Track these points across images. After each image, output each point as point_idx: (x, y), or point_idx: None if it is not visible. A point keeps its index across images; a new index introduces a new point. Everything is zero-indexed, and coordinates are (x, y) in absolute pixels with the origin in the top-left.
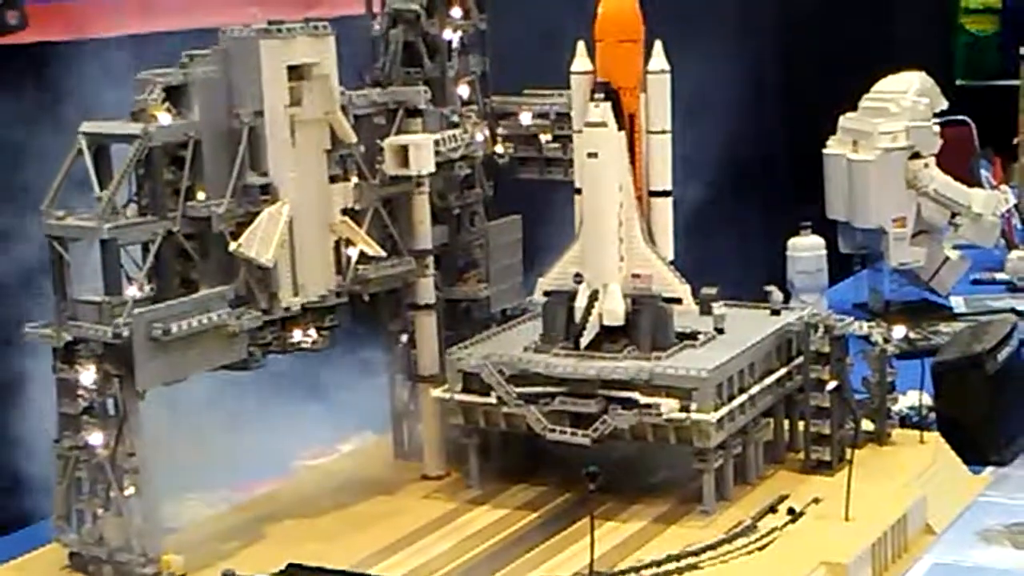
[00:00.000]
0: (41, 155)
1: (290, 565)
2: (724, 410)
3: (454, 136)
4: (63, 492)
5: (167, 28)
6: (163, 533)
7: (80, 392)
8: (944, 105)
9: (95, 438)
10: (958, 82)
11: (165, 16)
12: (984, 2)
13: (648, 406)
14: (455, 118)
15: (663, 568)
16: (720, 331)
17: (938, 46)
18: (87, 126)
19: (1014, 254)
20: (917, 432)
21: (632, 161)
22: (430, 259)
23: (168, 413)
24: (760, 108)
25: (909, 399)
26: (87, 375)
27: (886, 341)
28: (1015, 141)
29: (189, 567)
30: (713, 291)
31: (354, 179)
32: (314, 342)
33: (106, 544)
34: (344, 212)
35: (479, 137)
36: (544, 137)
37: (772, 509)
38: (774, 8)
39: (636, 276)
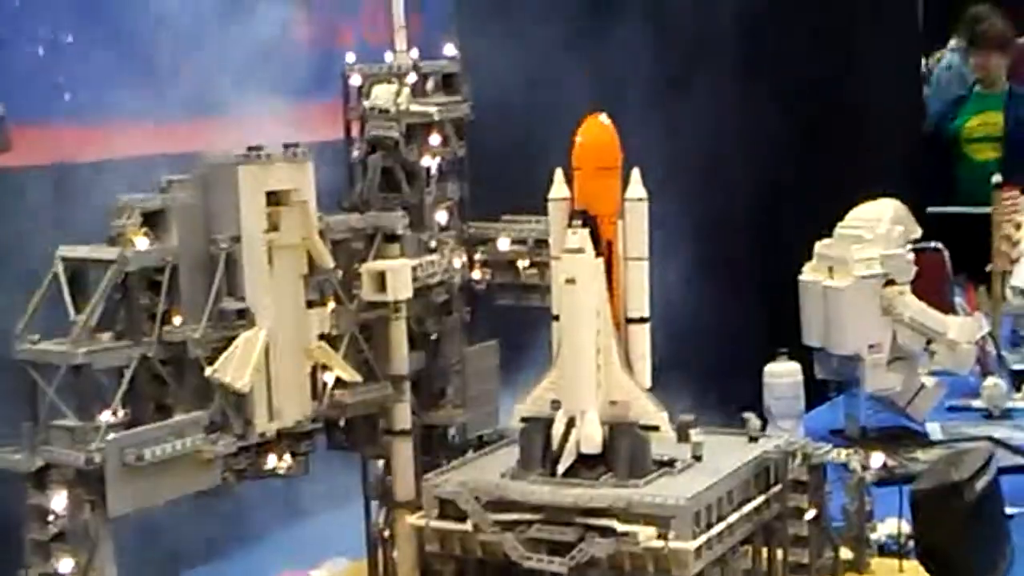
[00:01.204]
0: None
1: None
2: (703, 538)
3: (432, 262)
4: None
5: (147, 152)
6: None
7: (50, 518)
8: (918, 233)
9: (65, 565)
10: (928, 209)
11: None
12: (982, 131)
13: (626, 534)
14: (433, 243)
15: None
16: (698, 458)
17: (909, 173)
18: (64, 250)
19: (989, 381)
20: (896, 560)
21: (610, 287)
22: (407, 384)
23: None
24: (733, 235)
25: (888, 527)
26: (58, 500)
27: (864, 468)
28: (988, 268)
29: None
30: (691, 418)
31: (331, 304)
32: (289, 468)
33: None
34: (321, 337)
35: (457, 263)
36: (522, 263)
37: None
38: (745, 137)
39: (613, 403)
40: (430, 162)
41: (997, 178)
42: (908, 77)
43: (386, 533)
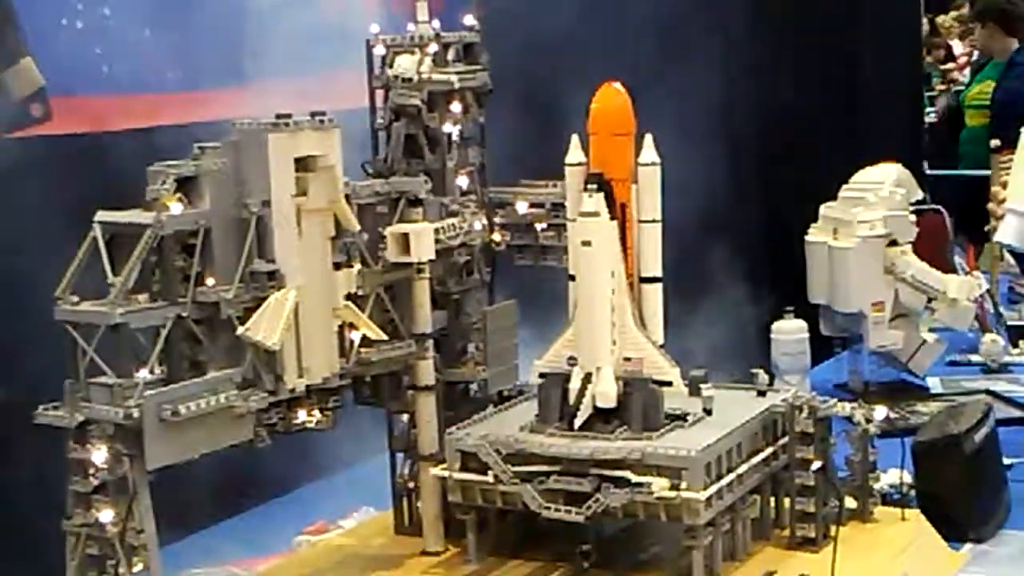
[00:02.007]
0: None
1: None
2: (713, 488)
3: (453, 225)
4: (75, 567)
5: (181, 122)
6: None
7: (91, 471)
8: (920, 195)
9: (105, 515)
10: (928, 172)
11: (177, 112)
12: (980, 99)
13: (639, 485)
14: (454, 207)
15: None
16: (708, 412)
17: (910, 138)
18: (101, 215)
19: (988, 337)
20: (898, 509)
21: (624, 249)
22: (430, 342)
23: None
24: (742, 198)
25: (890, 477)
26: (98, 454)
27: (868, 421)
28: (986, 228)
29: None
30: (702, 373)
31: (357, 266)
32: (318, 422)
33: None
34: (347, 297)
35: (477, 226)
36: (539, 226)
37: None
38: (752, 102)
39: (628, 360)
40: (451, 129)
41: (995, 142)
42: (909, 43)
43: (411, 485)
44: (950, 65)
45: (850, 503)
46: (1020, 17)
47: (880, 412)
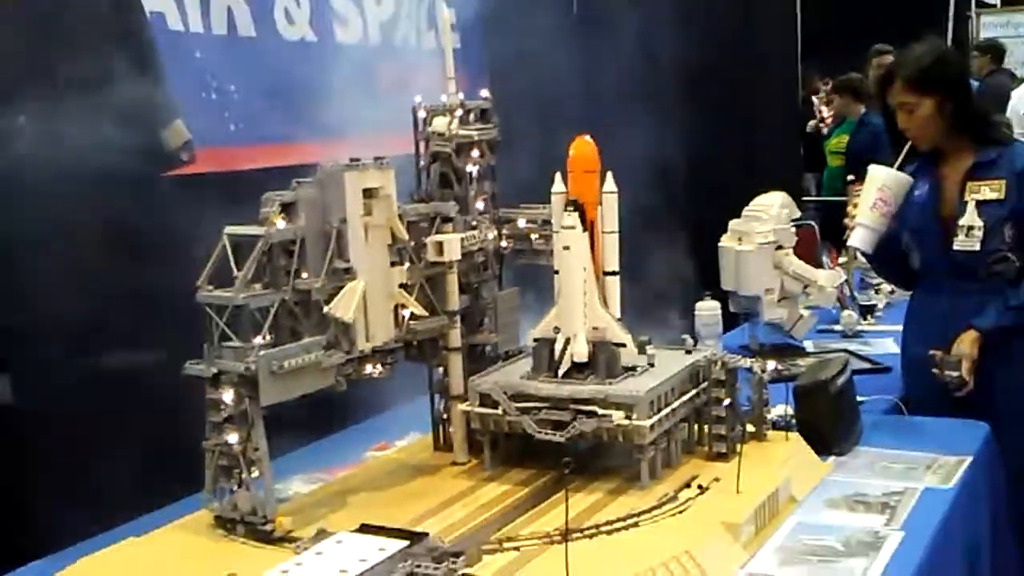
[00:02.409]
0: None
1: (362, 525)
2: (655, 418)
3: (473, 236)
4: (210, 475)
5: (284, 164)
6: (277, 503)
7: (222, 407)
8: (798, 214)
9: (232, 438)
10: (804, 198)
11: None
12: (838, 148)
13: (604, 416)
14: (474, 223)
15: (615, 526)
16: (652, 365)
17: (793, 174)
18: (229, 229)
19: (846, 312)
20: (784, 433)
21: (592, 252)
22: (457, 317)
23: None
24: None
25: (778, 410)
26: (227, 395)
27: (762, 371)
28: (844, 237)
29: (295, 526)
30: (646, 338)
31: (407, 264)
32: (380, 373)
33: (239, 511)
34: (400, 286)
35: (490, 236)
36: (534, 236)
37: (687, 485)
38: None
39: (595, 329)
40: (472, 168)
41: (851, 177)
42: (791, 109)
43: (444, 416)
44: (821, 124)
45: (751, 428)
46: (866, 91)
47: (771, 365)
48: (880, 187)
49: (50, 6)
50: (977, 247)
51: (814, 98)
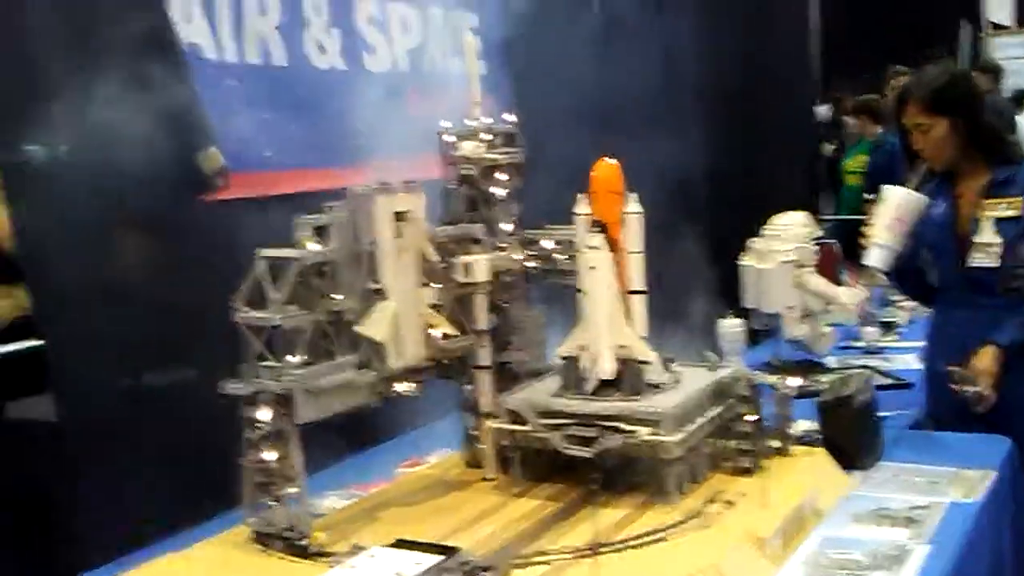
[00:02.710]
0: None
1: (398, 540)
2: (681, 435)
3: (501, 257)
4: (248, 491)
5: (316, 188)
6: (312, 518)
7: (259, 425)
8: (819, 233)
9: (269, 455)
10: (821, 216)
11: (314, 182)
12: (855, 167)
13: (630, 432)
14: (502, 244)
15: (643, 540)
16: (677, 382)
17: (809, 194)
18: (263, 251)
19: (867, 329)
20: (808, 448)
21: (618, 271)
22: (487, 336)
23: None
24: (698, 238)
25: (802, 426)
26: (264, 413)
27: (786, 388)
28: (860, 256)
29: (330, 541)
30: (671, 356)
31: (437, 284)
32: (411, 391)
33: (276, 526)
34: (430, 306)
35: (517, 257)
36: (559, 256)
37: (713, 500)
38: (704, 174)
39: (621, 347)
40: (498, 191)
41: (870, 196)
42: (805, 130)
43: (475, 433)
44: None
45: (775, 444)
46: (883, 111)
47: (794, 381)
48: (895, 207)
49: (93, 39)
50: (995, 263)
51: (846, 119)
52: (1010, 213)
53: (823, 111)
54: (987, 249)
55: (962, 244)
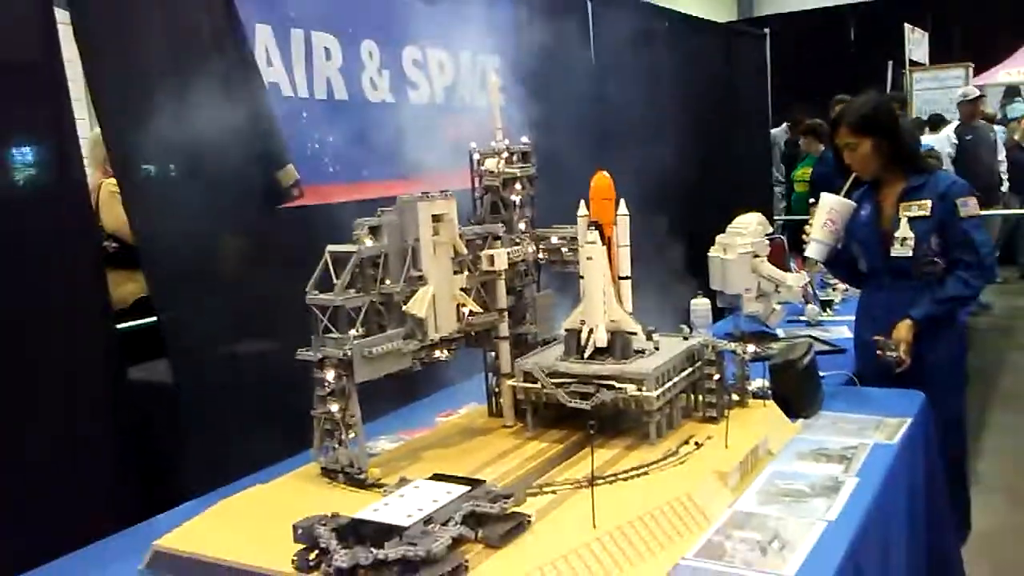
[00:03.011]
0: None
1: (435, 474)
2: (660, 390)
3: (517, 250)
4: (317, 436)
5: (371, 197)
6: (368, 458)
7: (326, 384)
8: (770, 230)
9: (333, 407)
10: (775, 218)
11: (369, 192)
12: (803, 177)
13: (620, 389)
14: (518, 240)
15: (629, 475)
16: (657, 349)
17: (763, 199)
18: (330, 247)
19: (809, 307)
20: (762, 401)
21: (609, 261)
22: (506, 313)
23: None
24: (673, 234)
25: (757, 383)
26: (330, 374)
27: (744, 353)
28: (803, 249)
29: (383, 475)
30: (653, 328)
31: (466, 273)
32: (447, 357)
33: (340, 464)
34: (461, 290)
35: (530, 250)
36: (564, 249)
37: (686, 442)
38: (679, 180)
39: (612, 321)
40: (516, 198)
41: (812, 201)
42: (761, 148)
43: (497, 390)
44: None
45: (735, 398)
46: (825, 132)
47: (751, 348)
48: (829, 210)
49: (194, 77)
50: (910, 254)
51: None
52: (921, 213)
53: (780, 131)
54: (905, 242)
55: (885, 239)
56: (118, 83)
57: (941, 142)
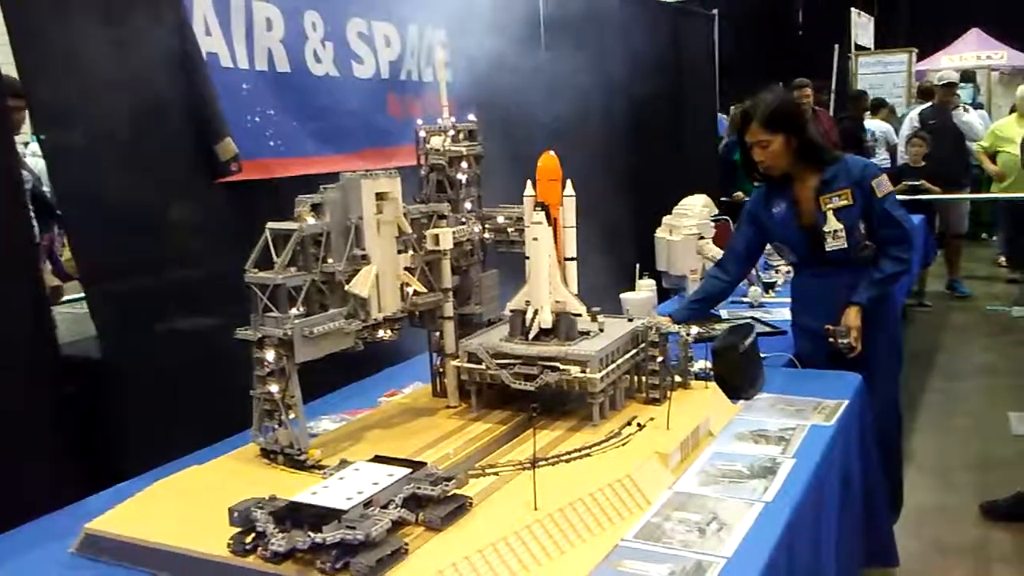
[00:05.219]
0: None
1: (376, 456)
2: (604, 372)
3: (463, 229)
4: (257, 417)
5: (313, 173)
6: (309, 438)
7: (266, 364)
8: (716, 212)
9: (273, 388)
10: (722, 199)
11: (311, 168)
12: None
13: (564, 370)
14: (463, 219)
15: (572, 456)
16: (601, 330)
17: (712, 179)
18: (270, 224)
19: (752, 288)
20: (704, 383)
21: (555, 242)
22: (451, 293)
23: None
24: (620, 214)
25: (699, 365)
26: (270, 354)
27: (688, 335)
28: None
29: (323, 456)
30: (597, 309)
31: (410, 252)
32: (390, 337)
33: (279, 444)
34: (405, 269)
35: (476, 229)
36: (510, 230)
37: (628, 424)
38: (625, 162)
39: (558, 302)
40: (462, 176)
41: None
42: (707, 130)
43: (441, 370)
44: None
45: (678, 379)
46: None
47: (694, 329)
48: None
49: (130, 50)
50: (846, 245)
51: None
52: (843, 202)
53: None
54: (836, 235)
55: (809, 234)
56: (45, 47)
57: (881, 126)
